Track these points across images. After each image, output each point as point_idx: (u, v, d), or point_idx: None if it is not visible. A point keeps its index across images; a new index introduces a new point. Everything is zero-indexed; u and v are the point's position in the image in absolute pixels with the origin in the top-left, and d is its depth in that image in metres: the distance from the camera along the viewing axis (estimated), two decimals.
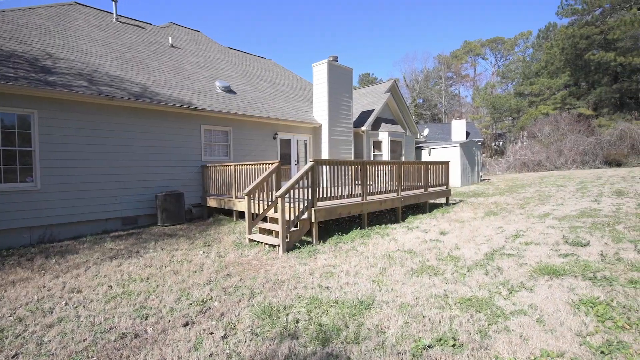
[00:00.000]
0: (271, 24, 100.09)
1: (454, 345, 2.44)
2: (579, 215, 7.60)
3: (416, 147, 19.12)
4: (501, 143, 41.99)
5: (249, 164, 7.84)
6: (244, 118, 10.58)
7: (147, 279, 4.56)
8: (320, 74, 12.27)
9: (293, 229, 5.97)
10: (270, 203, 6.91)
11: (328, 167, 6.75)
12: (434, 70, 56.64)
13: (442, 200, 11.25)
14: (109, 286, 4.31)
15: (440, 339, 2.53)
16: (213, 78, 11.94)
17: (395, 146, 15.32)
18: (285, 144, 12.08)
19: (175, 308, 3.58)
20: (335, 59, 12.65)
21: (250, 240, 6.40)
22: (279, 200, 5.61)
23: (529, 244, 5.41)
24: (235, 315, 3.32)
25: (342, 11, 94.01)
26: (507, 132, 42.25)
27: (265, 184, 6.98)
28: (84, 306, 3.71)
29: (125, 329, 3.13)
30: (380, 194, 8.07)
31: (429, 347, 2.46)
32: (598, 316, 2.76)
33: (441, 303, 3.29)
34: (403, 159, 15.64)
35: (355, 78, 63.94)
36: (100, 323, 3.27)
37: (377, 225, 7.70)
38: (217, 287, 4.15)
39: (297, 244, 6.02)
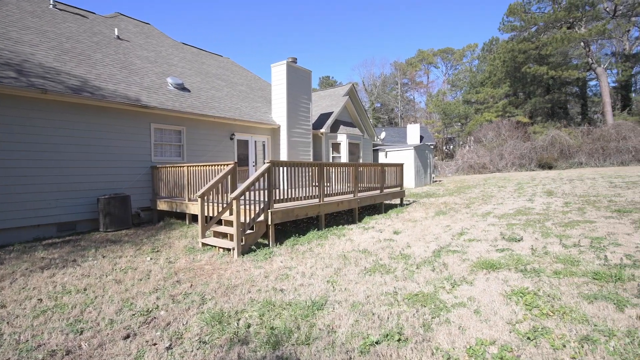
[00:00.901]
0: (229, 23, 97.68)
1: (399, 340, 2.55)
2: (515, 213, 8.33)
3: (373, 150, 19.72)
4: (451, 147, 44.80)
5: (204, 165, 7.55)
6: (198, 117, 10.17)
7: (85, 290, 4.19)
8: (279, 74, 12.19)
9: (249, 231, 5.85)
10: (225, 205, 6.70)
11: (286, 168, 6.72)
12: (391, 76, 58.98)
13: (397, 200, 11.72)
14: (38, 299, 3.89)
15: (387, 335, 2.62)
16: (165, 74, 11.35)
17: (353, 148, 15.67)
18: (243, 145, 11.83)
19: (116, 320, 3.33)
20: (294, 61, 12.66)
21: (204, 244, 6.16)
22: (234, 202, 5.47)
23: (472, 241, 5.82)
24: (183, 324, 3.17)
25: (302, 13, 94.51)
26: (456, 137, 45.18)
27: (220, 185, 6.76)
28: (8, 322, 3.31)
29: (56, 345, 2.84)
30: (337, 195, 8.20)
31: (376, 343, 2.54)
32: (526, 305, 3.04)
33: (390, 300, 3.42)
34: (361, 161, 16.05)
35: (315, 80, 64.49)
36: (27, 340, 2.94)
37: (334, 226, 7.81)
38: (164, 295, 3.93)
39: (253, 247, 5.91)
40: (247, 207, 5.99)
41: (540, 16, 32.83)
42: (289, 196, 6.74)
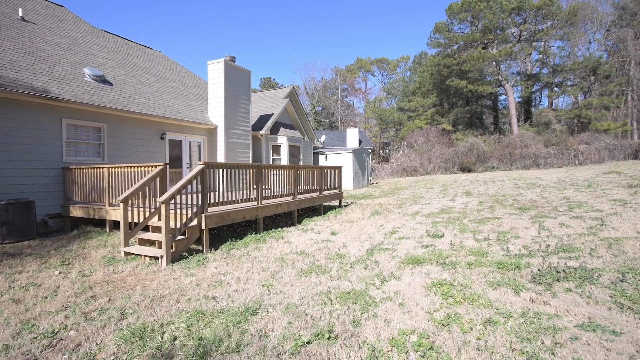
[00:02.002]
0: (161, 15, 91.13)
1: (329, 338, 2.62)
2: (440, 212, 9.16)
3: (314, 153, 20.03)
4: (387, 151, 47.64)
5: (128, 166, 6.89)
6: (123, 114, 9.26)
7: None
8: (216, 73, 11.71)
9: (180, 237, 5.49)
10: (153, 210, 6.20)
11: (223, 170, 6.47)
12: (332, 81, 60.63)
13: (336, 202, 12.06)
14: None
15: (318, 334, 2.68)
16: (81, 64, 10.12)
17: (294, 151, 15.73)
18: (176, 145, 11.09)
19: (12, 345, 2.86)
20: (233, 59, 12.28)
21: (127, 253, 5.62)
22: (163, 206, 5.09)
23: (402, 239, 6.24)
24: (97, 344, 2.84)
25: (243, 13, 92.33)
26: (391, 141, 48.21)
27: (147, 189, 6.24)
28: None
29: None
30: (276, 197, 8.14)
31: (307, 343, 2.58)
32: (443, 295, 3.36)
33: (324, 299, 3.50)
34: (301, 164, 16.18)
35: (256, 81, 63.41)
36: None
37: (273, 229, 7.74)
38: (75, 313, 3.48)
39: (185, 254, 5.56)
40: (179, 211, 5.62)
41: (461, 36, 36.79)
42: (226, 199, 6.50)
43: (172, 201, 5.36)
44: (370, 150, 30.31)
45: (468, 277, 3.88)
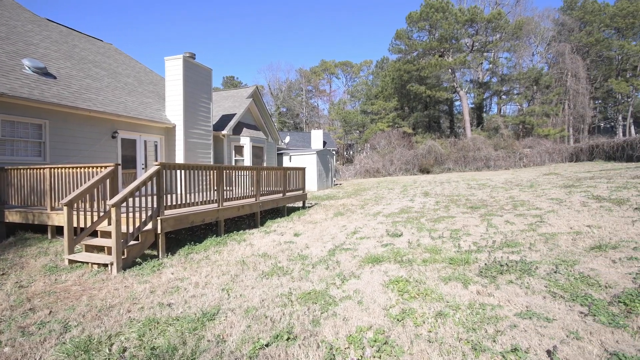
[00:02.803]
0: (114, 8, 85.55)
1: (288, 339, 2.62)
2: (400, 212, 9.52)
3: (278, 154, 19.89)
4: (351, 152, 48.55)
5: (74, 167, 6.39)
6: (68, 110, 8.56)
7: None
8: (174, 69, 11.22)
9: (133, 242, 5.19)
10: (102, 214, 5.80)
11: (181, 171, 6.22)
12: (296, 82, 60.65)
13: (300, 203, 12.07)
14: None
15: (277, 336, 2.67)
16: (20, 55, 9.21)
17: (257, 152, 15.50)
18: (130, 144, 10.45)
19: None
20: (193, 56, 11.85)
21: (72, 261, 5.20)
22: (113, 210, 4.78)
23: (363, 239, 6.40)
24: None
25: (203, 9, 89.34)
26: (355, 143, 49.21)
27: (96, 191, 5.83)
28: None
29: None
30: (238, 199, 7.97)
31: (266, 345, 2.56)
32: (399, 291, 3.51)
33: (285, 301, 3.49)
34: (265, 165, 15.99)
35: (218, 80, 61.67)
36: None
37: (234, 232, 7.57)
38: (10, 328, 3.17)
39: (138, 260, 5.26)
40: (132, 215, 5.31)
41: (420, 43, 38.53)
42: (185, 201, 6.25)
43: (124, 204, 5.05)
44: (334, 152, 30.69)
45: (423, 274, 4.07)
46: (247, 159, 14.64)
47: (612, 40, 39.35)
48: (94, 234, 5.89)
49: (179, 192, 6.30)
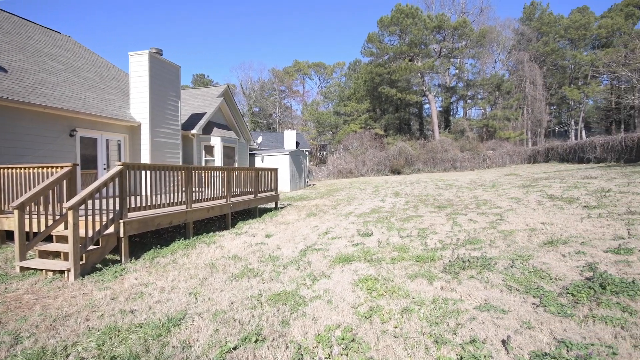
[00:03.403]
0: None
1: (256, 341, 2.60)
2: (371, 212, 9.70)
3: (250, 154, 19.61)
4: (324, 153, 48.80)
5: (26, 167, 5.96)
6: (19, 106, 7.95)
7: None
8: (139, 65, 10.75)
9: (92, 247, 4.91)
10: (59, 217, 5.45)
11: (146, 172, 5.97)
12: (269, 82, 60.08)
13: (272, 204, 11.97)
14: None
15: (246, 338, 2.64)
16: None
17: (228, 152, 15.20)
18: (90, 143, 9.88)
19: None
20: (159, 52, 11.41)
21: (23, 268, 4.84)
22: (70, 213, 4.50)
23: (334, 239, 6.47)
24: None
25: (171, 4, 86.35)
26: (328, 144, 49.54)
27: (52, 193, 5.47)
28: None
29: None
30: (208, 200, 7.78)
31: (234, 349, 2.53)
32: (368, 289, 3.58)
33: (254, 303, 3.46)
34: (236, 165, 15.71)
35: (188, 77, 59.84)
36: None
37: (204, 234, 7.38)
38: None
39: (99, 265, 4.98)
40: (92, 218, 5.02)
41: (391, 47, 39.51)
42: (150, 203, 6.01)
43: (83, 207, 4.77)
44: (307, 153, 30.73)
45: (391, 272, 4.19)
46: (217, 160, 14.31)
47: (566, 50, 42.45)
48: (49, 238, 5.52)
49: (144, 193, 6.04)
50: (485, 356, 2.23)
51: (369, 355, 2.36)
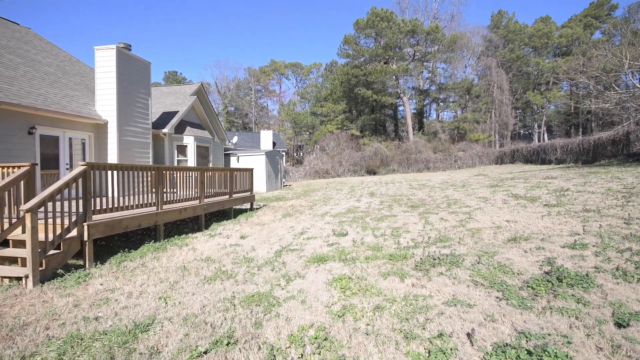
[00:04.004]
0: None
1: (228, 344, 2.57)
2: (347, 212, 9.80)
3: (225, 154, 19.25)
4: (301, 153, 48.73)
5: None
6: None
7: None
8: (106, 60, 10.26)
9: (53, 252, 4.64)
10: (15, 221, 5.10)
11: (113, 172, 5.72)
12: (245, 81, 59.22)
13: (248, 205, 11.81)
14: None
15: (217, 342, 2.60)
16: None
17: (202, 152, 14.83)
18: (51, 142, 9.32)
19: None
20: (128, 47, 10.95)
21: None
22: (28, 215, 4.23)
23: (310, 239, 6.48)
24: None
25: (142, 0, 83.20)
26: (305, 145, 49.51)
27: (7, 194, 5.11)
28: None
29: None
30: (181, 201, 7.56)
31: (204, 353, 2.48)
32: (342, 288, 3.63)
33: (227, 305, 3.40)
34: (211, 165, 15.36)
35: (159, 74, 57.87)
36: None
37: (176, 236, 7.17)
38: None
39: (60, 271, 4.71)
40: (52, 221, 4.74)
41: (366, 49, 40.12)
42: (118, 205, 5.76)
43: (43, 209, 4.50)
44: (284, 153, 30.58)
45: (365, 270, 4.26)
46: (190, 160, 13.92)
47: (530, 58, 44.88)
48: (5, 243, 5.15)
49: (110, 195, 5.78)
50: (451, 349, 2.32)
51: (341, 353, 2.39)
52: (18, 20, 13.78)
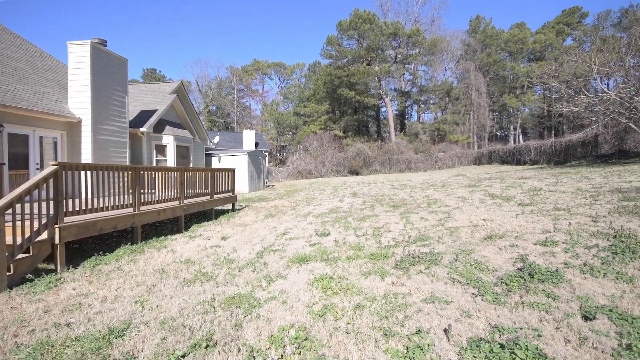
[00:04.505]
0: None
1: (207, 347, 2.53)
2: (329, 212, 9.84)
3: (206, 154, 18.91)
4: (284, 154, 48.53)
5: None
6: None
7: None
8: (80, 56, 9.87)
9: (22, 256, 4.43)
10: None
11: (87, 172, 5.50)
12: (227, 80, 58.39)
13: (229, 206, 11.65)
14: None
15: (195, 345, 2.56)
16: None
17: (183, 152, 14.52)
18: (20, 141, 8.88)
19: None
20: (103, 43, 10.58)
21: None
22: None
23: (292, 239, 6.46)
24: None
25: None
26: (288, 145, 49.34)
27: None
28: None
29: None
30: (160, 202, 7.38)
31: (182, 357, 2.43)
32: (323, 288, 3.64)
33: (206, 308, 3.35)
34: (191, 165, 15.05)
35: (137, 72, 56.27)
36: None
37: (154, 238, 6.99)
38: None
39: (30, 276, 4.50)
40: (21, 223, 4.51)
41: (349, 51, 40.43)
42: (92, 206, 5.55)
43: (10, 211, 4.28)
44: (267, 153, 30.36)
45: (346, 270, 4.29)
46: (170, 160, 13.60)
47: (506, 62, 46.51)
48: None
49: (84, 196, 5.57)
50: (428, 345, 2.37)
51: (321, 352, 2.40)
52: None
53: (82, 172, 5.49)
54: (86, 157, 9.94)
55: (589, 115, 20.25)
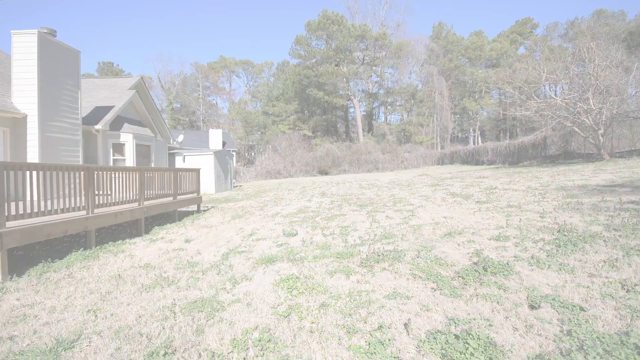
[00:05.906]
0: None
1: (165, 354, 2.43)
2: (297, 212, 9.82)
3: (170, 154, 18.14)
4: (253, 154, 47.77)
5: None
6: None
7: None
8: (26, 47, 9.07)
9: None
10: None
11: (33, 173, 5.07)
12: (192, 77, 56.39)
13: (195, 207, 11.26)
14: None
15: (153, 353, 2.44)
16: None
17: (143, 151, 13.81)
18: None
19: None
20: (53, 33, 9.80)
21: None
22: None
23: (259, 240, 6.38)
24: None
25: None
26: (257, 144, 48.62)
27: None
28: None
29: None
30: (117, 204, 6.97)
31: None
32: (288, 288, 3.63)
33: (166, 314, 3.21)
34: (153, 165, 14.36)
35: (92, 65, 52.76)
36: None
37: (111, 242, 6.59)
38: None
39: None
40: None
41: (318, 51, 40.64)
42: (38, 210, 5.12)
43: None
44: (234, 153, 29.69)
45: (313, 269, 4.31)
46: (129, 159, 12.88)
47: (466, 67, 49.08)
48: None
49: (29, 198, 5.12)
50: (389, 339, 2.45)
51: (285, 353, 2.39)
52: None
53: (28, 173, 5.05)
54: (33, 156, 9.16)
55: (539, 119, 21.89)
